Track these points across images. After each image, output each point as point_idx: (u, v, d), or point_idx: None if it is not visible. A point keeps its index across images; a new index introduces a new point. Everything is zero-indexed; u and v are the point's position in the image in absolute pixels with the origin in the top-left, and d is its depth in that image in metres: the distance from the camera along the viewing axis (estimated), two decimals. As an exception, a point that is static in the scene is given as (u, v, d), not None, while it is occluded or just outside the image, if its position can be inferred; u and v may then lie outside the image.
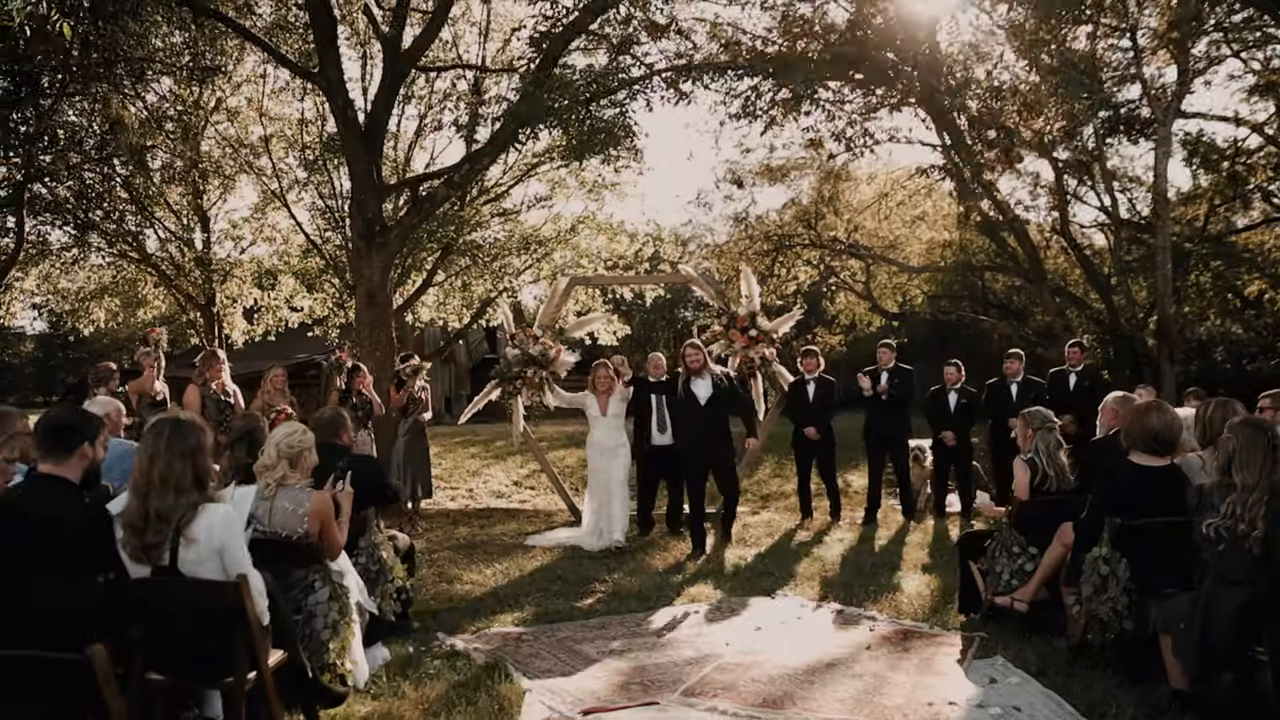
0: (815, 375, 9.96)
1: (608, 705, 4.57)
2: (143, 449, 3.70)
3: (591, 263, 16.62)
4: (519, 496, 12.93)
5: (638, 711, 4.49)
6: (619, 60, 10.62)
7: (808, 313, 23.06)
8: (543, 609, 6.41)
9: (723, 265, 20.13)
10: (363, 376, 9.28)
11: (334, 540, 4.63)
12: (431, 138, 16.55)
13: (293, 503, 4.58)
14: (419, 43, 10.99)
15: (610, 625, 6.06)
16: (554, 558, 8.32)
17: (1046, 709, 4.42)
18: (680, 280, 11.60)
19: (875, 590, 6.79)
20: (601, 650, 5.48)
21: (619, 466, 9.06)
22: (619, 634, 5.85)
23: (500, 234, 16.03)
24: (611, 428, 9.14)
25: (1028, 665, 4.98)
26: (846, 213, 20.15)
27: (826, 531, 9.35)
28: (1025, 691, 4.66)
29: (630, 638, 5.76)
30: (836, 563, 7.88)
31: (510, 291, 16.39)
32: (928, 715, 4.41)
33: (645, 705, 4.56)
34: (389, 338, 11.30)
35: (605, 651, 5.45)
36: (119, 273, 17.91)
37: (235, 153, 16.82)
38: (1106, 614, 4.65)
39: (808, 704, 4.58)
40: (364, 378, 9.27)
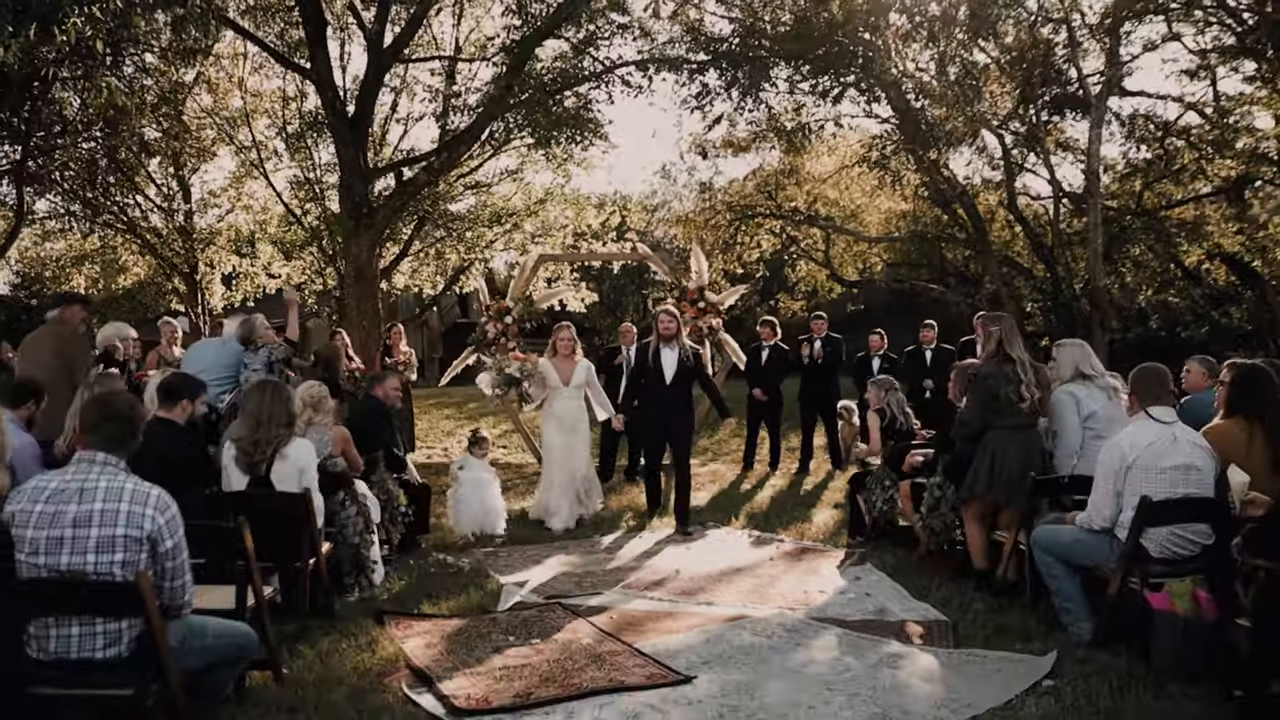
0: (771, 343, 11.74)
1: (565, 594, 6.40)
2: (251, 398, 5.49)
3: (559, 233, 18.28)
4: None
5: (587, 598, 6.31)
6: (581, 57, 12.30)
7: (770, 279, 24.94)
8: (514, 535, 8.27)
9: (686, 233, 21.87)
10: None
11: (354, 458, 6.53)
12: (409, 121, 18.13)
13: (320, 434, 6.38)
14: (400, 39, 12.60)
15: (569, 545, 7.94)
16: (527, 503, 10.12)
17: (889, 592, 6.31)
18: (637, 258, 13.36)
19: (788, 520, 8.69)
20: (562, 561, 7.33)
21: (580, 443, 8.89)
22: (576, 550, 7.72)
23: (472, 206, 17.66)
24: (572, 399, 8.87)
25: (886, 568, 6.86)
26: (807, 183, 21.88)
27: (764, 479, 11.24)
28: (878, 584, 6.54)
29: (585, 554, 7.62)
30: (765, 502, 9.77)
31: (483, 261, 18.04)
32: (802, 599, 6.27)
33: (593, 594, 6.41)
34: (375, 309, 13.02)
35: (564, 562, 7.31)
36: (102, 241, 19.40)
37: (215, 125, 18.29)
38: (939, 526, 6.54)
39: (714, 594, 6.43)
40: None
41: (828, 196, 22.58)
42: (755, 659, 5.06)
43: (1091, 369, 6.20)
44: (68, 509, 3.35)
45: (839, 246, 23.52)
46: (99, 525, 3.33)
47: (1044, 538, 5.43)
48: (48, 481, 3.46)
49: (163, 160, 18.06)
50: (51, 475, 3.49)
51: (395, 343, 11.62)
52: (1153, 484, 4.76)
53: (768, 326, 11.74)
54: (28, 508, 3.37)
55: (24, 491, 3.45)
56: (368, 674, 4.84)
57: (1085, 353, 6.30)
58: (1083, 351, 6.31)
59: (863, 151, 18.18)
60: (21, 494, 3.44)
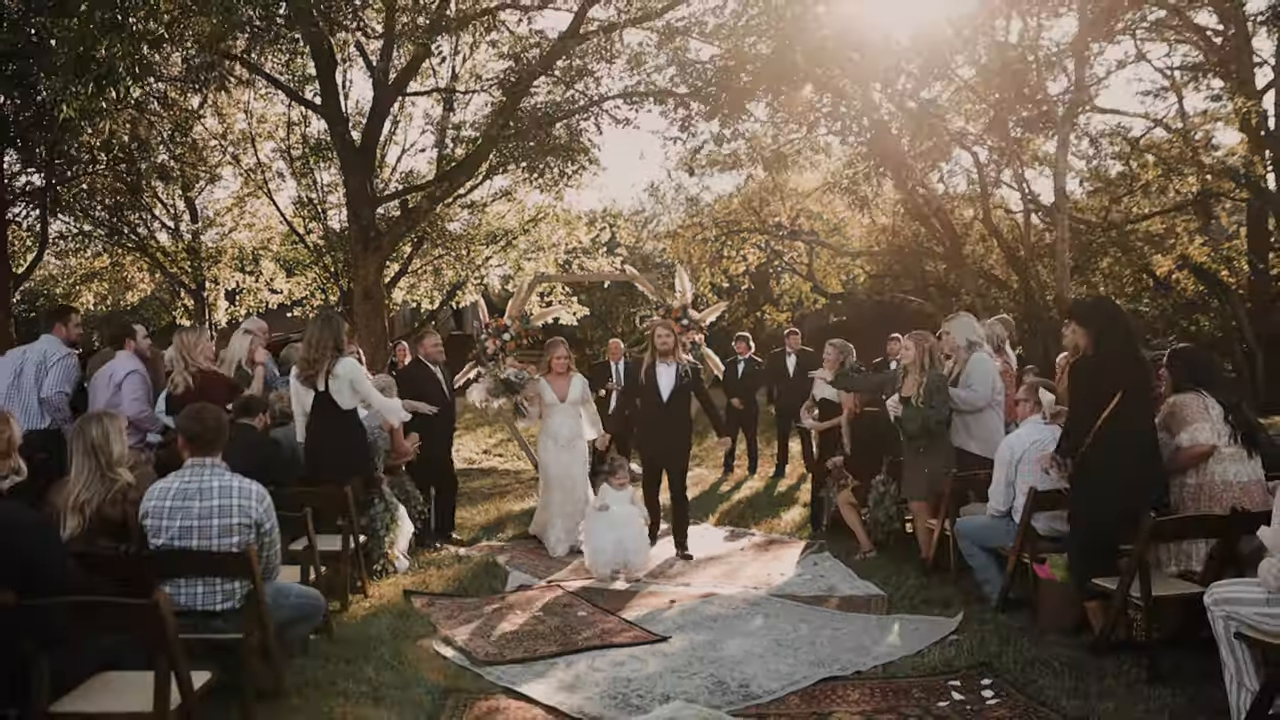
0: (746, 356, 13.01)
1: (562, 580, 7.62)
2: (310, 329, 7.01)
3: (551, 250, 19.49)
4: (488, 463, 15.92)
5: (580, 582, 7.53)
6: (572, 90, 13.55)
7: (756, 291, 26.19)
8: (519, 531, 9.48)
9: (674, 247, 23.10)
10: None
11: (400, 444, 7.91)
12: (409, 147, 19.39)
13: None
14: (403, 75, 13.82)
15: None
16: (528, 504, 11.33)
17: (839, 574, 7.53)
18: (625, 279, 14.59)
19: (761, 517, 9.93)
20: (559, 554, 8.54)
21: (576, 461, 8.89)
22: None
23: (468, 226, 18.87)
24: (568, 416, 8.86)
25: (840, 556, 8.08)
26: (791, 199, 23.13)
27: (742, 482, 12.46)
28: (831, 568, 7.76)
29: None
30: (742, 502, 11.00)
31: (478, 279, 19.24)
32: (765, 580, 7.49)
33: (586, 579, 7.62)
34: (382, 326, 14.22)
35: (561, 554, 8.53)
36: (112, 259, 20.58)
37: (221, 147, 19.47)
38: (883, 518, 7.77)
39: (689, 578, 7.66)
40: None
41: (811, 210, 23.83)
42: (720, 625, 6.28)
43: (977, 336, 7.54)
44: (192, 505, 4.55)
45: (822, 260, 24.77)
46: (218, 518, 4.54)
47: (963, 525, 6.68)
48: (170, 484, 4.65)
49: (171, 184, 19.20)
50: (172, 479, 4.68)
51: (400, 358, 12.81)
52: (1038, 475, 6.00)
53: (742, 342, 13.02)
54: (160, 505, 4.57)
55: (153, 493, 4.64)
56: (402, 637, 6.05)
57: (972, 324, 7.66)
58: (970, 324, 7.66)
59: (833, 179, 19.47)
60: (151, 495, 4.64)
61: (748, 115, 14.50)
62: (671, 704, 4.81)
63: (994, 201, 21.64)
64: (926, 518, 7.35)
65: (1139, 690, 4.78)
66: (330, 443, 7.11)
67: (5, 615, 3.52)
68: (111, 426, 4.83)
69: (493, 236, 18.67)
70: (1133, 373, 5.46)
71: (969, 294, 22.21)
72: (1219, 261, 22.45)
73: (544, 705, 4.91)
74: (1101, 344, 5.54)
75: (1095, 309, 5.96)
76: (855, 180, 18.13)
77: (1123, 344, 5.49)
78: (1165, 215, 21.61)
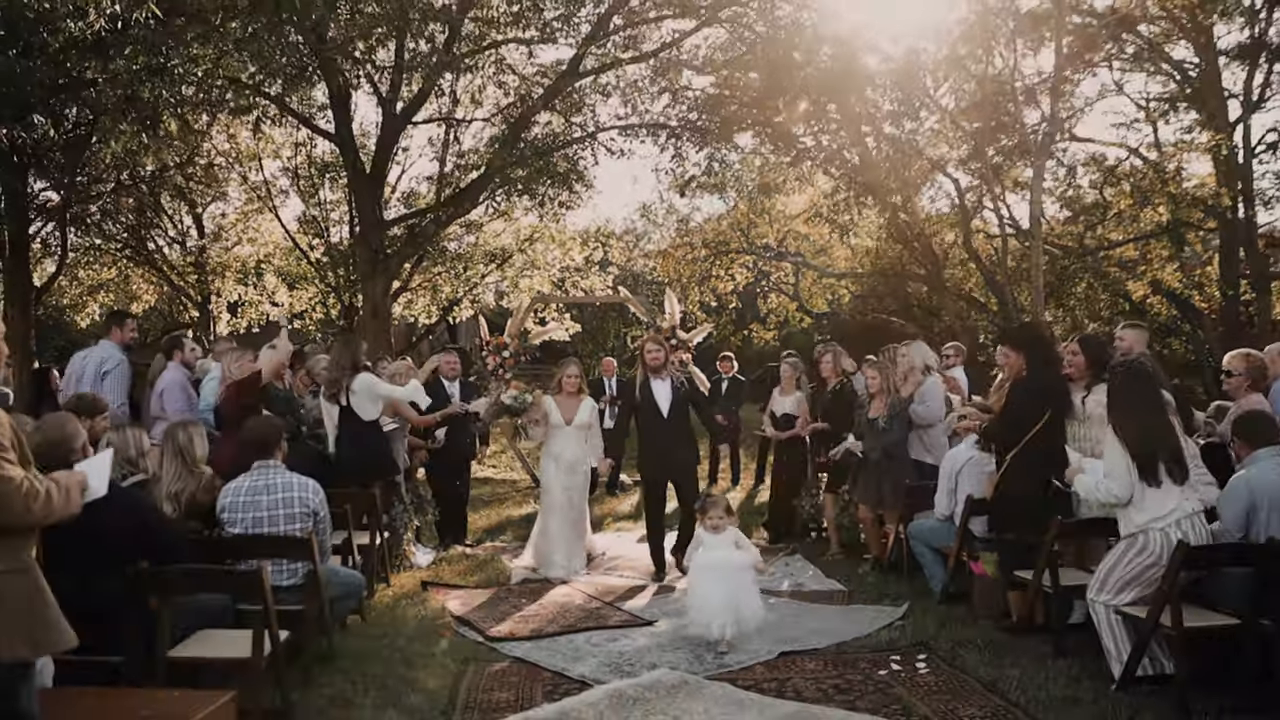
0: (730, 375, 14.14)
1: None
2: (333, 350, 8.19)
3: (546, 269, 20.57)
4: (483, 473, 16.99)
5: (579, 576, 8.61)
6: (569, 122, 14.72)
7: (744, 310, 27.33)
8: (519, 533, 10.56)
9: (664, 266, 24.25)
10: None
11: (407, 413, 8.72)
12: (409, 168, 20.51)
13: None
14: (411, 106, 14.93)
15: (562, 542, 10.24)
16: (525, 510, 12.38)
17: (809, 575, 8.63)
18: (618, 301, 15.73)
19: (742, 525, 10.93)
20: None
21: (579, 486, 8.95)
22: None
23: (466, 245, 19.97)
24: (573, 440, 8.87)
25: (812, 559, 9.18)
26: (778, 221, 24.31)
27: (725, 492, 13.55)
28: (801, 568, 8.85)
29: (575, 548, 9.92)
30: (724, 512, 12.08)
31: (473, 299, 20.33)
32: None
33: (583, 574, 8.71)
34: (388, 343, 15.28)
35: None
36: (119, 271, 21.62)
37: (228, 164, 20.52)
38: (847, 523, 8.89)
39: (672, 576, 8.74)
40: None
41: (798, 232, 25.03)
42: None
43: (931, 361, 8.67)
44: (261, 499, 5.66)
45: (807, 280, 25.94)
46: (283, 508, 5.65)
47: (914, 528, 7.79)
48: (241, 483, 5.76)
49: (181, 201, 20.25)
50: (243, 479, 5.79)
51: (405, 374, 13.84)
52: (975, 485, 7.11)
53: (726, 361, 14.16)
54: (235, 500, 5.69)
55: (228, 491, 5.76)
56: (424, 619, 7.12)
57: (926, 350, 8.77)
58: (925, 350, 8.77)
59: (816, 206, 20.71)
60: (226, 493, 5.75)
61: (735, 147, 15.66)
62: (657, 670, 5.87)
63: (974, 225, 22.86)
64: (872, 522, 8.54)
65: (1044, 663, 5.87)
66: (354, 451, 8.18)
67: (138, 578, 4.59)
68: (195, 432, 5.91)
69: (490, 255, 19.76)
70: (1060, 396, 6.60)
71: (949, 316, 23.41)
72: (1191, 287, 23.72)
73: (550, 670, 5.99)
74: (1033, 367, 6.68)
75: (1026, 335, 7.11)
76: (836, 208, 19.30)
77: (1050, 368, 6.63)
78: (1139, 243, 22.85)
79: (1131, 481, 5.31)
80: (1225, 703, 4.97)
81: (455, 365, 10.34)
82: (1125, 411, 5.47)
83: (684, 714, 5.22)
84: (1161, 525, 5.24)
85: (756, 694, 5.53)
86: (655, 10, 14.53)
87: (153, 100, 9.70)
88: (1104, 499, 5.51)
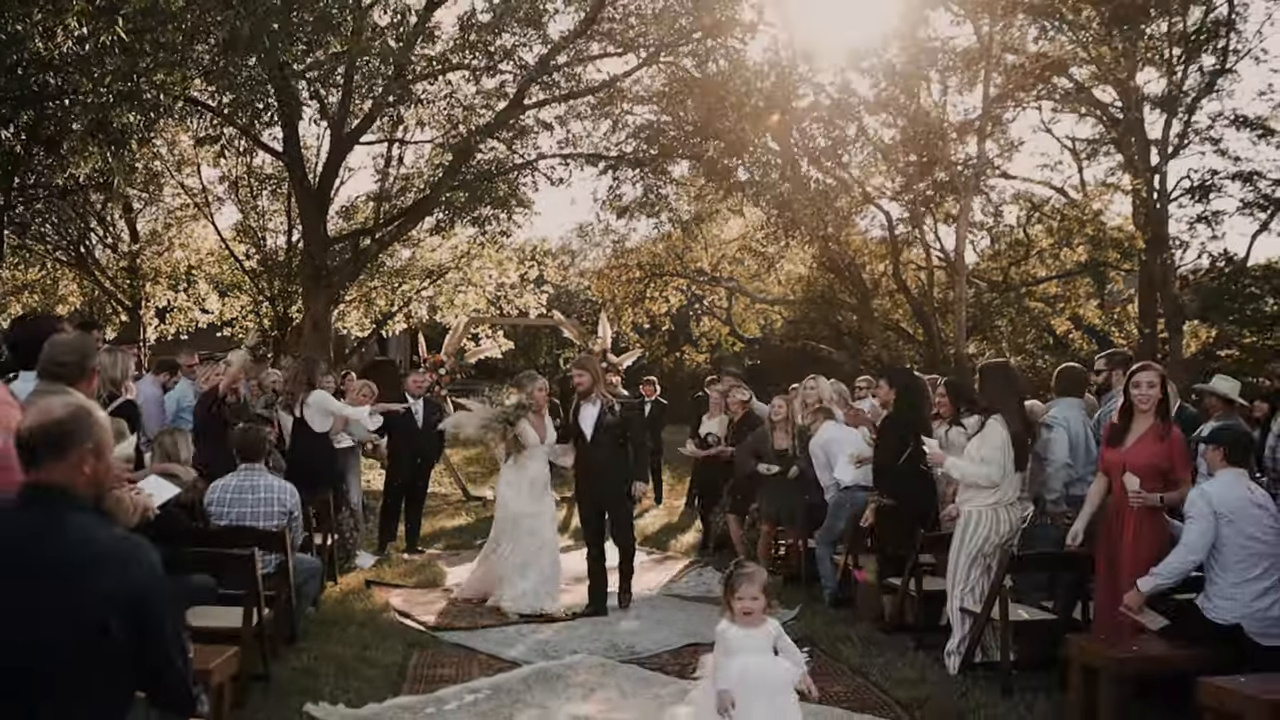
0: (653, 398, 15.50)
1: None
2: (290, 368, 9.22)
3: (482, 286, 21.81)
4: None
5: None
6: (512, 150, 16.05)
7: (676, 332, 28.83)
8: (452, 543, 11.83)
9: (599, 286, 25.64)
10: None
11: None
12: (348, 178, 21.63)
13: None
14: (359, 128, 16.12)
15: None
16: (462, 520, 13.59)
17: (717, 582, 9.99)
18: (552, 324, 17.07)
19: (665, 541, 12.38)
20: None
21: (549, 511, 9.04)
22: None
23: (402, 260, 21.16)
24: (543, 461, 8.95)
25: (720, 568, 10.54)
26: (713, 245, 25.85)
27: (648, 509, 14.92)
28: (711, 577, 10.21)
29: (506, 556, 11.19)
30: (649, 529, 13.44)
31: (408, 313, 21.53)
32: (658, 584, 9.92)
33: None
34: (328, 356, 16.42)
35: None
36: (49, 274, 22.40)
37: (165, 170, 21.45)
38: (756, 538, 10.29)
39: (598, 580, 10.05)
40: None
41: (733, 256, 26.60)
42: (618, 611, 8.68)
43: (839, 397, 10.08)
44: (246, 497, 6.90)
45: (740, 305, 27.53)
46: (264, 506, 6.90)
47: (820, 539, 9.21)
48: (229, 482, 6.99)
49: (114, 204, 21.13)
50: (230, 478, 7.02)
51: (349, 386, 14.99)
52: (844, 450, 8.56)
53: (649, 384, 15.51)
54: (223, 496, 6.92)
55: (215, 488, 6.98)
56: (371, 611, 8.36)
57: (829, 385, 10.16)
58: (828, 385, 10.16)
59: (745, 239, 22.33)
60: (214, 489, 6.97)
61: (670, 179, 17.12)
62: (578, 655, 7.19)
63: (904, 257, 24.58)
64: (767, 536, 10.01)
65: (906, 654, 7.28)
66: (305, 458, 9.39)
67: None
68: (180, 438, 7.10)
69: (426, 271, 20.98)
70: (923, 425, 8.07)
71: (876, 345, 25.08)
72: (1110, 323, 25.69)
73: (485, 653, 7.28)
74: (900, 405, 8.18)
75: (902, 378, 8.63)
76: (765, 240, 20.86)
77: (915, 411, 8.12)
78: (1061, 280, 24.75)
79: (1005, 466, 6.67)
80: (1041, 683, 6.41)
81: (421, 384, 11.56)
82: (1006, 403, 6.84)
83: (599, 687, 6.55)
84: (996, 505, 6.68)
85: (662, 674, 6.88)
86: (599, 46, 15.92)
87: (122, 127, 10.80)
88: (981, 481, 6.74)
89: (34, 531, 2.71)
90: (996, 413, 6.80)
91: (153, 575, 2.80)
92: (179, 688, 2.86)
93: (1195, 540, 5.51)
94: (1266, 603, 5.44)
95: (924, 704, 6.23)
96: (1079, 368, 7.92)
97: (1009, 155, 24.97)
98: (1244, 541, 5.47)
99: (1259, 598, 5.44)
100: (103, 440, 2.89)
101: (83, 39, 11.50)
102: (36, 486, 2.78)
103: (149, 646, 2.75)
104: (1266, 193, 22.54)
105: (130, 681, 2.79)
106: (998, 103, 22.59)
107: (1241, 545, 5.46)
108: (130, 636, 2.68)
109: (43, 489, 2.77)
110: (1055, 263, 24.62)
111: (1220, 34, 21.98)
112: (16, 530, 2.73)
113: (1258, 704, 4.58)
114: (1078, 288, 25.85)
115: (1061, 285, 25.37)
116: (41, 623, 2.61)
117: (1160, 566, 5.63)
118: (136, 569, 2.76)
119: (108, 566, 2.71)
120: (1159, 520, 6.05)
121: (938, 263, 24.67)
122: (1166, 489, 6.01)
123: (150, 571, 2.79)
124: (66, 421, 2.81)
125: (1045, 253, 24.14)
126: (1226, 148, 23.04)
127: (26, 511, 2.76)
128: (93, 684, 2.67)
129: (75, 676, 2.63)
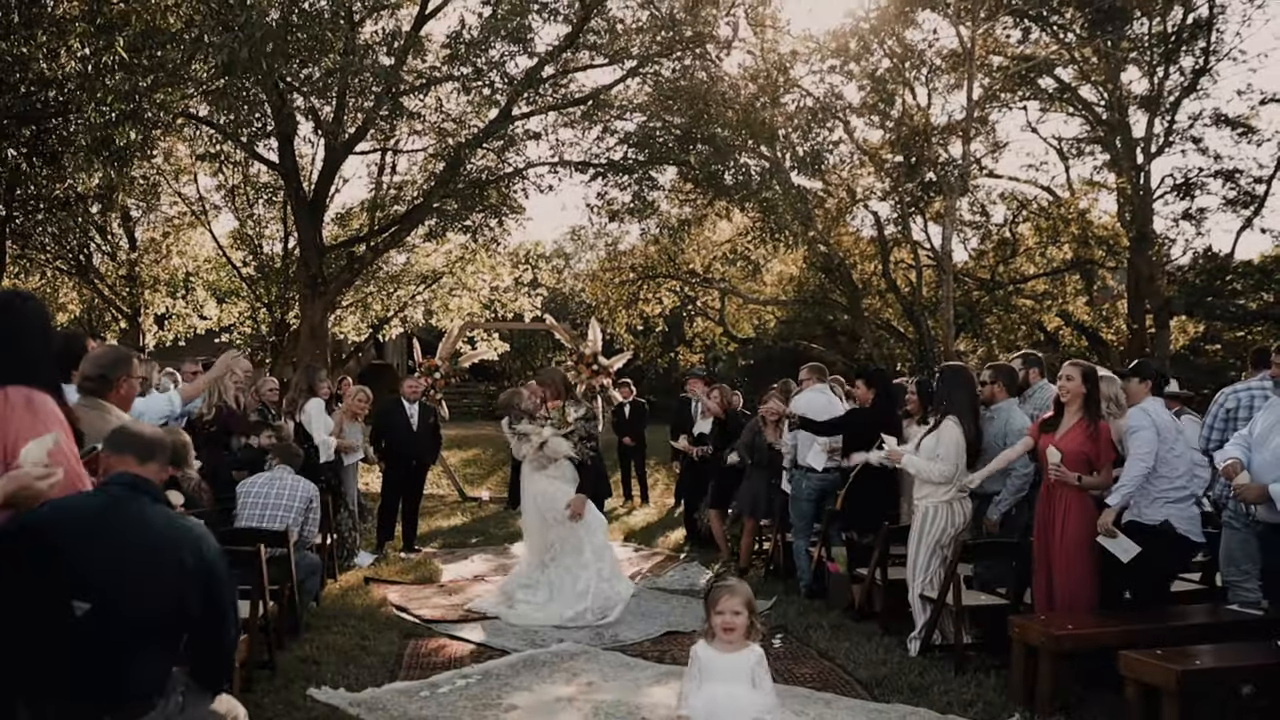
0: (630, 400, 16.03)
1: (485, 574, 10.53)
2: (295, 375, 9.78)
3: (477, 290, 22.40)
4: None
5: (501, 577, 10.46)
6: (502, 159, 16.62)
7: (670, 333, 29.39)
8: (446, 543, 12.39)
9: (593, 288, 26.19)
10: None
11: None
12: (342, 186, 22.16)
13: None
14: (353, 138, 16.67)
15: (487, 550, 12.07)
16: (458, 520, 14.15)
17: (702, 579, 10.56)
18: (545, 328, 17.61)
19: (652, 538, 12.93)
20: (481, 558, 11.45)
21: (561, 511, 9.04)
22: (490, 555, 11.86)
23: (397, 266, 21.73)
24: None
25: (706, 565, 11.12)
26: (705, 248, 26.40)
27: (637, 508, 15.47)
28: (697, 572, 10.78)
29: (496, 557, 11.74)
30: (637, 525, 14.00)
31: (404, 318, 22.10)
32: (646, 578, 10.47)
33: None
34: (325, 362, 16.97)
35: (482, 559, 11.45)
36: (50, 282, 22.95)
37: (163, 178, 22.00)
38: (738, 532, 10.84)
39: (587, 575, 10.61)
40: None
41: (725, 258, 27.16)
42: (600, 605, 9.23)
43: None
44: (271, 495, 7.51)
45: (733, 305, 28.08)
46: (287, 500, 7.54)
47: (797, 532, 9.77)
48: (260, 478, 7.66)
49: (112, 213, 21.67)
50: (259, 478, 7.66)
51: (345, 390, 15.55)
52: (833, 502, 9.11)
53: (625, 387, 16.04)
54: (252, 489, 7.55)
55: (248, 482, 7.64)
56: (369, 605, 8.92)
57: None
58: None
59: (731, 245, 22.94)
60: (246, 483, 7.61)
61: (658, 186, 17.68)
62: (564, 643, 7.75)
63: (894, 257, 25.15)
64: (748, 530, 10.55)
65: (873, 639, 7.84)
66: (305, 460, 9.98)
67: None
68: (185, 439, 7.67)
69: (421, 277, 21.56)
70: (894, 424, 8.62)
71: (867, 344, 25.65)
72: (1100, 320, 26.25)
73: (477, 643, 7.84)
74: (877, 401, 8.75)
75: (879, 378, 9.19)
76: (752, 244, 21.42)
77: (885, 414, 8.69)
78: (1049, 277, 25.32)
79: (958, 464, 7.26)
80: (993, 663, 6.97)
81: (416, 388, 12.10)
82: (961, 404, 7.42)
83: (583, 672, 7.10)
84: (950, 500, 7.28)
85: (642, 660, 7.44)
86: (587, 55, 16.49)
87: (124, 146, 11.37)
88: (936, 478, 7.31)
89: (140, 511, 3.37)
90: (952, 413, 7.37)
91: (220, 555, 3.50)
92: (223, 661, 3.59)
93: (1143, 448, 6.31)
94: (1186, 505, 6.49)
95: (882, 682, 6.79)
96: (1014, 368, 8.48)
97: (996, 155, 25.61)
98: (1168, 457, 6.39)
99: (1180, 501, 6.44)
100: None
101: (85, 59, 12.05)
102: (136, 477, 3.45)
103: (210, 618, 3.43)
104: (1248, 190, 23.10)
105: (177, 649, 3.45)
106: (984, 102, 23.22)
107: (1164, 460, 6.37)
108: (200, 607, 3.37)
109: (141, 480, 3.44)
110: (1043, 260, 25.21)
111: (1200, 35, 22.54)
112: (129, 508, 3.36)
113: (1167, 673, 5.16)
114: (1066, 285, 26.44)
115: (1050, 282, 25.95)
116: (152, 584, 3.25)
117: (1119, 481, 6.44)
118: (208, 548, 3.44)
119: (185, 544, 3.37)
120: (1087, 503, 6.64)
121: (926, 261, 25.25)
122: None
123: (218, 552, 3.50)
124: (159, 437, 3.69)
125: (1033, 250, 24.71)
126: (1208, 146, 23.65)
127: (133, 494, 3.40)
128: (173, 644, 3.39)
129: (166, 634, 3.35)
